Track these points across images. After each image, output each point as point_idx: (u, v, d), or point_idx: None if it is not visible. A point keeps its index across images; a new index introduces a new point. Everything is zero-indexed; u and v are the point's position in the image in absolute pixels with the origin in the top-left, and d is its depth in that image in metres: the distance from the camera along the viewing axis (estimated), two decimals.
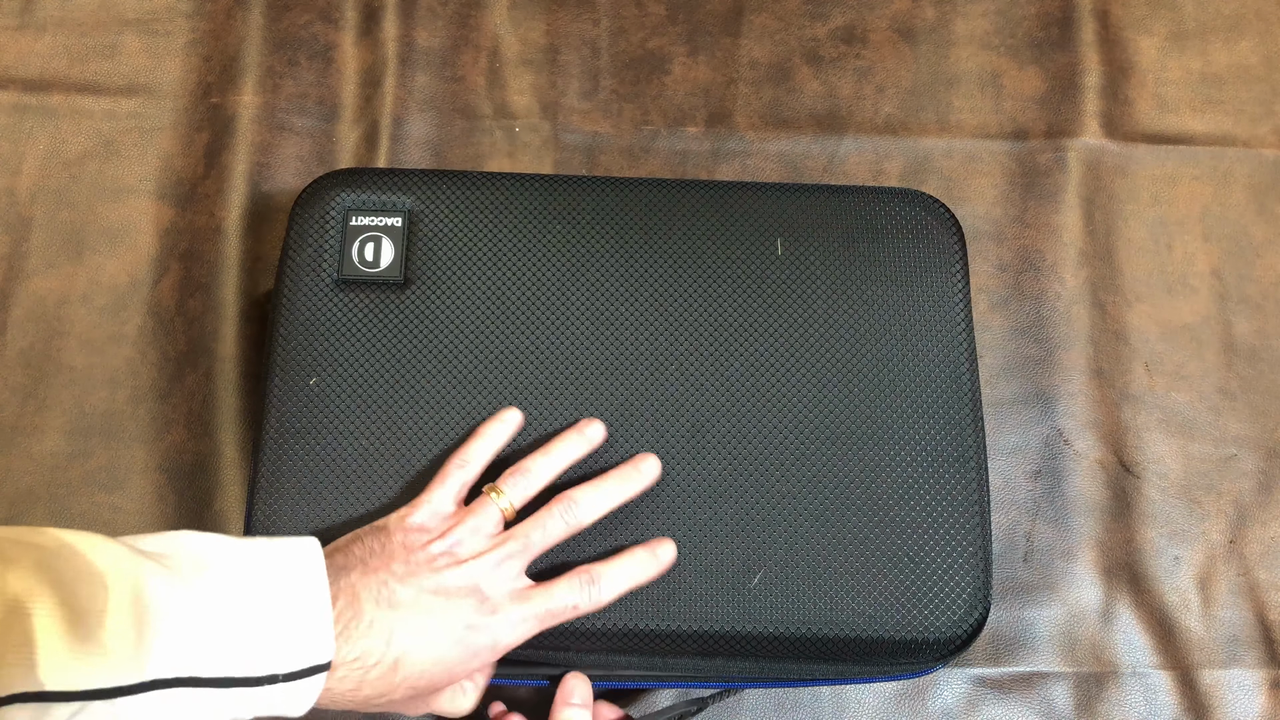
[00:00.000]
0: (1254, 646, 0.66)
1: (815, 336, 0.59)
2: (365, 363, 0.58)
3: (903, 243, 0.62)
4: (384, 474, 0.56)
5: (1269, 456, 0.70)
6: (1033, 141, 0.77)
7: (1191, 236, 0.75)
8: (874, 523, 0.56)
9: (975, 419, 0.58)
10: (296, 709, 0.45)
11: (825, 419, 0.58)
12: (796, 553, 0.55)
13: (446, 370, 0.58)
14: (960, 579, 0.55)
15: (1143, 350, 0.72)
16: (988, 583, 0.56)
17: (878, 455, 0.57)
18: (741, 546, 0.55)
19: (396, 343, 0.58)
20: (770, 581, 0.55)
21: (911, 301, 0.60)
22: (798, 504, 0.56)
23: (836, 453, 0.57)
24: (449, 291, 0.60)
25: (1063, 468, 0.70)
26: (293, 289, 0.60)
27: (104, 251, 0.72)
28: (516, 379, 0.58)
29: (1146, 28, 0.80)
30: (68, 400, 0.69)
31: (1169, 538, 0.68)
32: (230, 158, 0.74)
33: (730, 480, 0.57)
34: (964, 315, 0.61)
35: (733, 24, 0.80)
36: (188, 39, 0.78)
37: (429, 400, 0.58)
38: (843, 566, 0.55)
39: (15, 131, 0.75)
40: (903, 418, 0.58)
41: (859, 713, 0.65)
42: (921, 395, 0.58)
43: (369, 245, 0.60)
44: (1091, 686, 0.65)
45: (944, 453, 0.57)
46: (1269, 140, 0.77)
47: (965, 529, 0.56)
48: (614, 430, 0.57)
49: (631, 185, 0.63)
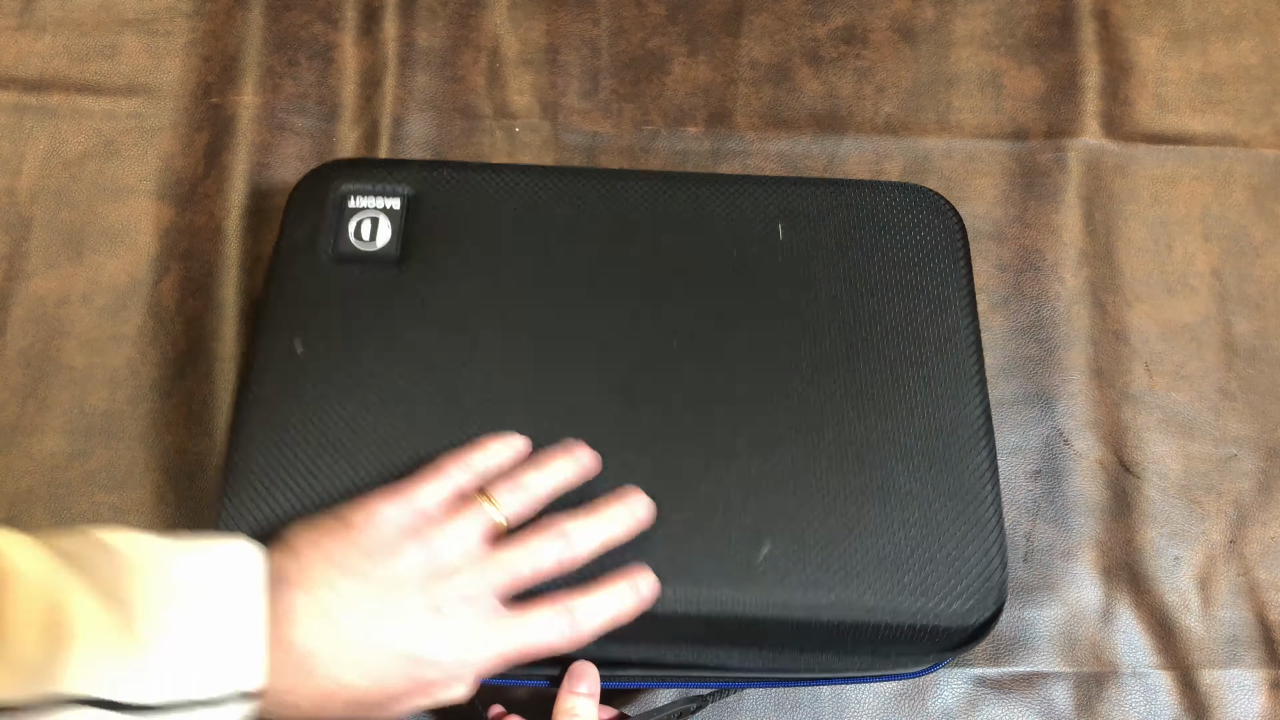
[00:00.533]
0: (1254, 646, 0.66)
1: (820, 317, 0.59)
2: (355, 333, 0.57)
3: (905, 230, 0.62)
4: (364, 445, 0.55)
5: (1269, 456, 0.70)
6: (1033, 141, 0.77)
7: (1191, 236, 0.75)
8: (884, 500, 0.55)
9: (983, 401, 0.58)
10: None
11: (831, 396, 0.58)
12: (805, 529, 0.54)
13: (438, 345, 0.57)
14: (975, 560, 0.54)
15: (1143, 350, 0.72)
16: (1004, 561, 0.55)
17: (885, 429, 0.57)
18: (749, 519, 0.54)
19: (388, 316, 0.58)
20: (778, 557, 0.53)
21: (914, 285, 0.61)
22: (806, 478, 0.55)
23: (843, 429, 0.57)
24: (445, 270, 0.60)
25: (1063, 468, 0.70)
26: (287, 262, 0.60)
27: (104, 251, 0.72)
28: (511, 355, 0.57)
29: (1146, 28, 0.80)
30: (68, 400, 0.69)
31: (1169, 538, 0.68)
32: (230, 158, 0.74)
33: (736, 453, 0.56)
34: (967, 302, 0.61)
35: (732, 24, 0.80)
36: (188, 39, 0.78)
37: (417, 373, 0.57)
38: (854, 545, 0.54)
39: (15, 131, 0.75)
40: (910, 394, 0.58)
41: (859, 712, 0.65)
42: (928, 372, 0.58)
43: (365, 225, 0.60)
44: (1091, 686, 0.66)
45: (953, 429, 0.57)
46: (1269, 140, 0.77)
47: (979, 507, 0.55)
48: (615, 409, 0.56)
49: (633, 176, 0.64)
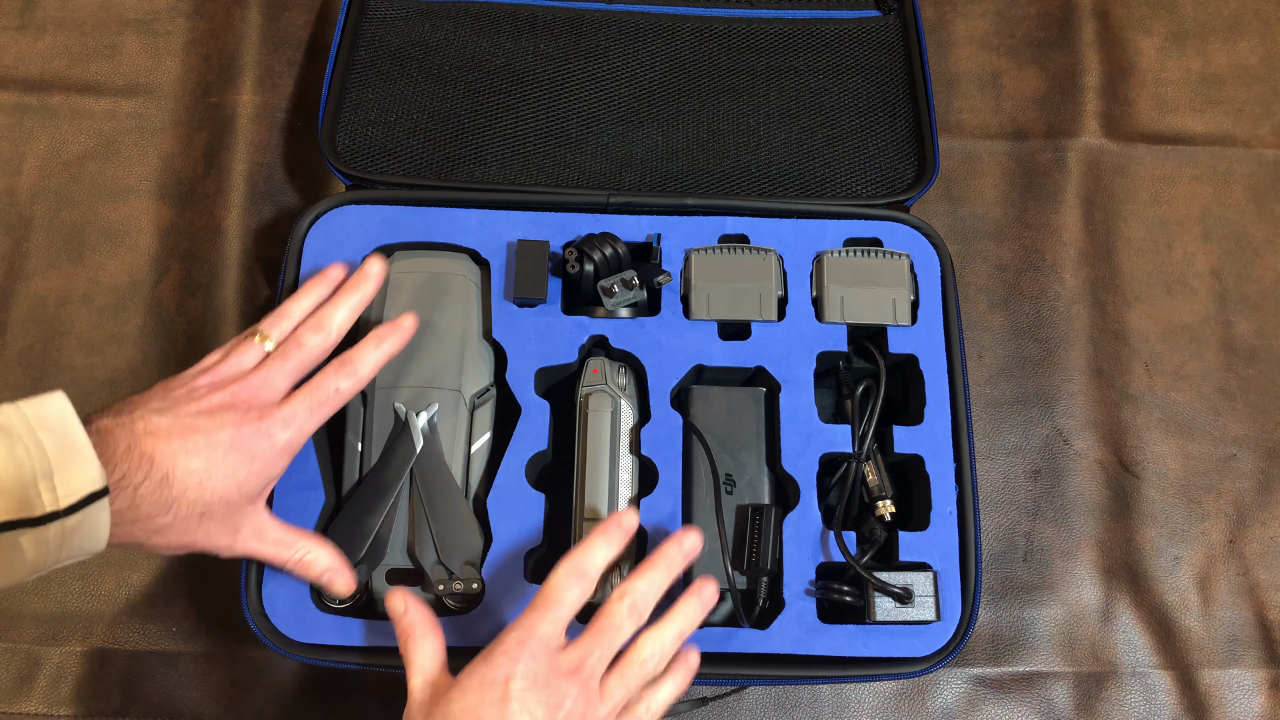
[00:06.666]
0: (1254, 646, 0.66)
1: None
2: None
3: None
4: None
5: (1269, 456, 0.70)
6: (1033, 141, 0.77)
7: (1191, 236, 0.75)
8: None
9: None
10: (94, 542, 0.46)
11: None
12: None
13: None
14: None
15: (1142, 350, 0.72)
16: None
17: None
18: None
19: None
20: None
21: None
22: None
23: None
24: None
25: (1063, 468, 0.70)
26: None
27: (104, 251, 0.72)
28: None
29: (1146, 28, 0.80)
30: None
31: (1169, 538, 0.68)
32: (230, 157, 0.74)
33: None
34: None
35: None
36: (187, 39, 0.78)
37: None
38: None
39: (15, 131, 0.75)
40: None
41: (859, 712, 0.65)
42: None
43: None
44: (1091, 686, 0.66)
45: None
46: (1268, 140, 0.77)
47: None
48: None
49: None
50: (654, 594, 0.52)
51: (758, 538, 0.59)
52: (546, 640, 0.49)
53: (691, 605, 0.53)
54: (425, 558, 0.58)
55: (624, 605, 0.51)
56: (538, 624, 0.49)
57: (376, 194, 0.65)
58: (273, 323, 0.56)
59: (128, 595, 0.66)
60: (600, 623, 0.51)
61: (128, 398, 0.51)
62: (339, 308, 0.56)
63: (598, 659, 0.50)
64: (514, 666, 0.48)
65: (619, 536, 0.53)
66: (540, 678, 0.48)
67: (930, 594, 0.57)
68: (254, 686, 0.64)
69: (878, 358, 0.62)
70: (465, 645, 0.57)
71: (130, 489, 0.47)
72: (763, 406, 0.63)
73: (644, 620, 0.52)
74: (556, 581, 0.51)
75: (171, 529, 0.49)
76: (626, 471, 0.61)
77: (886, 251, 0.64)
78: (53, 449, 0.44)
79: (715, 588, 0.54)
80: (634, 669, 0.51)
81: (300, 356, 0.54)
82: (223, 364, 0.54)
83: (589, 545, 0.52)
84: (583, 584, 0.51)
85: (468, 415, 0.60)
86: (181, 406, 0.51)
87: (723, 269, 0.63)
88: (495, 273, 0.63)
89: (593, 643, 0.50)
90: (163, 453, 0.49)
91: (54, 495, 0.44)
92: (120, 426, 0.48)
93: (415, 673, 0.51)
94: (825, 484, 0.61)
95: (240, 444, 0.51)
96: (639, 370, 0.62)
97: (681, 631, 0.53)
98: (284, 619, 0.57)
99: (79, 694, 0.64)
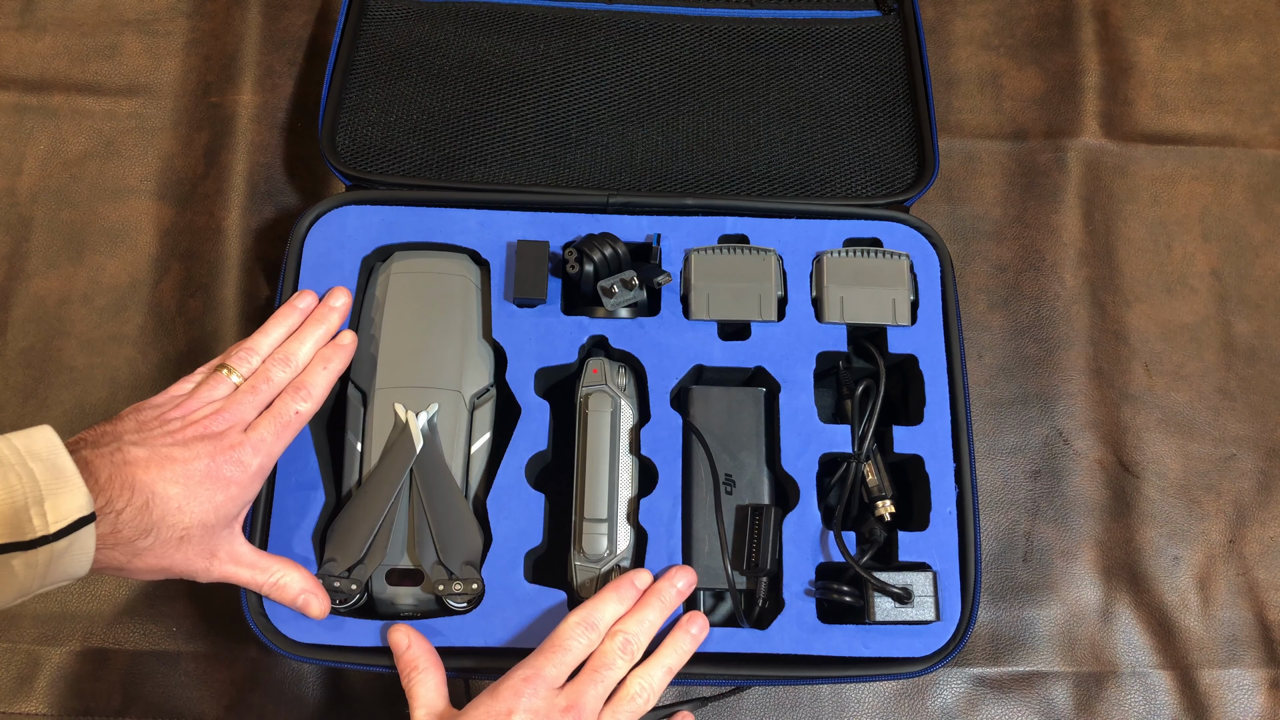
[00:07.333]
0: (1253, 646, 0.66)
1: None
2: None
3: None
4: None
5: (1268, 456, 0.70)
6: (1033, 141, 0.77)
7: (1191, 236, 0.75)
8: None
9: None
10: (79, 566, 0.47)
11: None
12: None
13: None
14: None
15: (1142, 350, 0.72)
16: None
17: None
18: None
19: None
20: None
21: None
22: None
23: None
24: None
25: (1062, 468, 0.70)
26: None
27: (104, 251, 0.72)
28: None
29: (1146, 28, 0.80)
30: (68, 400, 0.69)
31: (1169, 538, 0.68)
32: (230, 157, 0.74)
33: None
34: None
35: None
36: (187, 39, 0.78)
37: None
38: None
39: (16, 131, 0.75)
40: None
41: (859, 712, 0.65)
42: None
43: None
44: (1091, 686, 0.66)
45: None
46: (1268, 140, 0.77)
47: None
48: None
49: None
50: (646, 633, 0.56)
51: (757, 538, 0.59)
52: (550, 681, 0.53)
53: (681, 640, 0.57)
54: (425, 558, 0.58)
55: (616, 644, 0.54)
56: (544, 666, 0.53)
57: (376, 194, 0.65)
58: (242, 358, 0.58)
59: (128, 595, 0.66)
60: (595, 661, 0.54)
61: (101, 427, 0.53)
62: (305, 341, 0.59)
63: (593, 696, 0.53)
64: (517, 701, 0.51)
65: (630, 595, 0.57)
66: (540, 713, 0.52)
67: (930, 594, 0.57)
68: (254, 686, 0.64)
69: (877, 358, 0.62)
70: (465, 645, 0.57)
71: (113, 514, 0.49)
72: (762, 406, 0.63)
73: (637, 658, 0.55)
74: (566, 630, 0.54)
75: (151, 552, 0.51)
76: (626, 471, 0.61)
77: (886, 251, 0.64)
78: (43, 477, 0.46)
79: (704, 622, 0.57)
80: (624, 705, 0.54)
81: (268, 390, 0.57)
82: (193, 397, 0.56)
83: (601, 600, 0.56)
84: (590, 635, 0.54)
85: (468, 415, 0.60)
86: (158, 439, 0.53)
87: (722, 269, 0.63)
88: (495, 273, 0.63)
89: (588, 681, 0.53)
90: (142, 480, 0.51)
91: (44, 520, 0.45)
92: (100, 457, 0.50)
93: (419, 706, 0.54)
94: (825, 484, 0.61)
95: (215, 473, 0.53)
96: (639, 370, 0.62)
97: (670, 667, 0.56)
98: (284, 619, 0.57)
99: (79, 694, 0.64)
